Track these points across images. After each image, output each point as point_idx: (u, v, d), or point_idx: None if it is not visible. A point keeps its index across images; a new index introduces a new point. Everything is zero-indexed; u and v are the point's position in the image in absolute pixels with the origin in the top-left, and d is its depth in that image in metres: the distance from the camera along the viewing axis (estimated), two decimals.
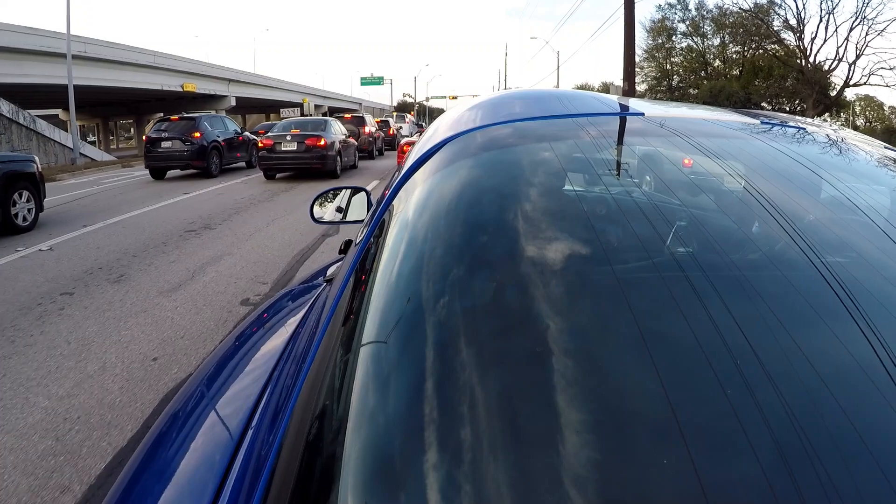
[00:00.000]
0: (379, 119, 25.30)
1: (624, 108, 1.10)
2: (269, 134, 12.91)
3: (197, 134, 13.14)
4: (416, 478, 0.46)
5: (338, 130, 13.55)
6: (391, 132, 24.18)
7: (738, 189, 0.78)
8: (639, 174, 0.83)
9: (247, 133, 15.78)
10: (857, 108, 28.71)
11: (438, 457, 0.46)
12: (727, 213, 0.77)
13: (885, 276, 0.63)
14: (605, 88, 49.32)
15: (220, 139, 13.84)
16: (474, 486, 0.44)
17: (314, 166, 12.23)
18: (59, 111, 41.41)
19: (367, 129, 18.67)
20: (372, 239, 0.86)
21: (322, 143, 12.21)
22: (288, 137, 12.25)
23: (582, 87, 49.22)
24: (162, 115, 38.27)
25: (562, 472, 0.43)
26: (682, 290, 0.59)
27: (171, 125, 13.56)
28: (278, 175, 12.82)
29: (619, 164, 0.87)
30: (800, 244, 0.64)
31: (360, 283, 0.78)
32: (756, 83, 23.89)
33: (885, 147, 1.05)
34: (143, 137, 15.58)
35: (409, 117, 37.24)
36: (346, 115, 19.97)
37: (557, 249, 0.69)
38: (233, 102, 36.64)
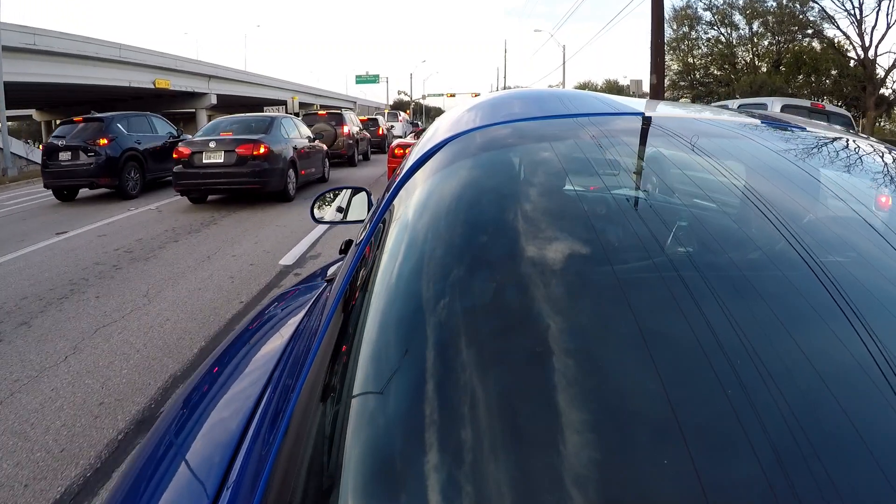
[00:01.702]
0: (366, 117, 21.33)
1: (624, 108, 1.04)
2: (189, 139, 8.93)
3: (103, 140, 9.37)
4: (416, 478, 0.45)
5: (294, 133, 9.45)
6: (380, 132, 20.33)
7: (738, 189, 0.75)
8: (638, 174, 0.81)
9: (188, 136, 11.83)
10: None
11: (439, 457, 0.45)
12: (727, 214, 0.74)
13: (885, 277, 0.61)
14: (611, 87, 45.68)
15: (140, 146, 10.06)
16: (474, 486, 0.42)
17: (250, 186, 8.02)
18: (32, 111, 37.95)
19: (346, 129, 14.65)
20: (372, 239, 0.84)
21: (261, 150, 7.97)
22: (212, 144, 8.01)
23: (584, 86, 45.58)
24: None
25: (562, 473, 0.42)
26: (683, 291, 0.57)
27: (73, 129, 9.78)
28: (209, 197, 8.92)
29: (618, 163, 0.82)
30: (800, 244, 0.63)
31: (360, 284, 0.75)
32: (800, 78, 20.23)
33: (886, 147, 0.98)
34: (40, 146, 11.81)
35: (403, 115, 33.38)
36: (321, 112, 15.88)
37: (557, 249, 0.67)
38: (213, 100, 33.00)
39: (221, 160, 8.03)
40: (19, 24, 20.32)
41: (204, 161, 8.06)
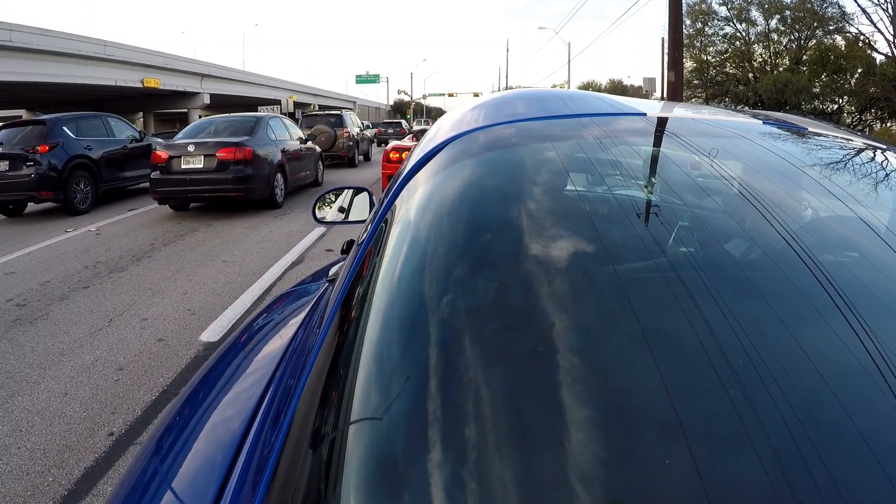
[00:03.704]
0: (389, 120, 21.11)
1: (626, 108, 1.03)
2: (167, 143, 8.18)
3: (44, 147, 7.84)
4: (418, 478, 0.44)
5: (283, 134, 8.71)
6: (403, 131, 20.83)
7: (740, 189, 0.74)
8: (641, 174, 0.80)
9: (155, 139, 10.56)
10: None
11: (440, 457, 0.45)
12: (729, 213, 0.72)
13: (886, 276, 0.61)
14: (615, 87, 43.96)
15: (91, 153, 8.54)
16: (476, 485, 0.42)
17: (233, 193, 7.23)
18: (22, 111, 36.44)
19: (346, 131, 14.42)
20: (374, 239, 0.82)
21: (245, 154, 7.21)
22: (191, 148, 7.26)
23: (588, 86, 43.94)
24: (141, 114, 33.74)
25: (565, 471, 0.42)
26: (686, 290, 0.56)
27: (15, 134, 8.26)
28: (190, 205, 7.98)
29: (621, 164, 0.80)
30: (802, 244, 0.62)
31: (362, 283, 0.74)
32: (823, 77, 18.54)
33: (887, 147, 0.95)
34: None
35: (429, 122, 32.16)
36: (320, 113, 15.39)
37: (559, 249, 0.65)
38: (206, 100, 31.44)
39: (201, 165, 7.25)
40: None
41: (182, 167, 7.27)
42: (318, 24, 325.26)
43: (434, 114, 57.11)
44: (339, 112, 15.81)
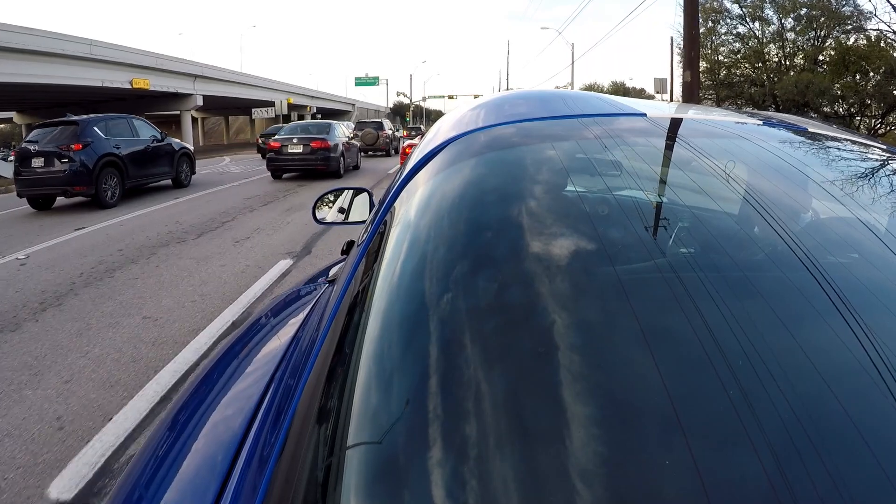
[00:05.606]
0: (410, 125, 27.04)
1: (626, 108, 1.04)
2: (277, 137, 13.24)
3: (77, 146, 8.48)
4: (419, 478, 0.45)
5: (341, 133, 14.09)
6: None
7: (741, 189, 0.75)
8: (641, 174, 0.80)
9: (174, 140, 11.25)
10: None
11: (441, 456, 0.45)
12: (730, 214, 0.73)
13: (886, 277, 0.61)
14: (617, 89, 42.91)
15: (119, 151, 9.23)
16: (477, 485, 0.42)
17: (318, 167, 12.69)
18: (13, 114, 35.33)
19: (385, 132, 21.66)
20: (374, 239, 0.83)
21: (326, 145, 12.60)
22: (294, 140, 12.65)
23: (590, 88, 42.84)
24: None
25: (566, 470, 0.42)
26: (686, 290, 0.57)
27: (48, 133, 8.88)
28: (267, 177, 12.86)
29: (621, 164, 0.81)
30: (802, 244, 0.62)
31: (362, 284, 0.75)
32: (846, 79, 17.36)
33: (887, 148, 0.95)
34: (13, 152, 10.47)
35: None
36: (367, 120, 23.82)
37: (560, 249, 0.66)
38: (199, 102, 30.61)
39: (300, 150, 12.67)
40: None
41: (289, 151, 12.70)
42: (318, 26, 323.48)
43: (434, 116, 56.13)
44: (380, 120, 23.42)
